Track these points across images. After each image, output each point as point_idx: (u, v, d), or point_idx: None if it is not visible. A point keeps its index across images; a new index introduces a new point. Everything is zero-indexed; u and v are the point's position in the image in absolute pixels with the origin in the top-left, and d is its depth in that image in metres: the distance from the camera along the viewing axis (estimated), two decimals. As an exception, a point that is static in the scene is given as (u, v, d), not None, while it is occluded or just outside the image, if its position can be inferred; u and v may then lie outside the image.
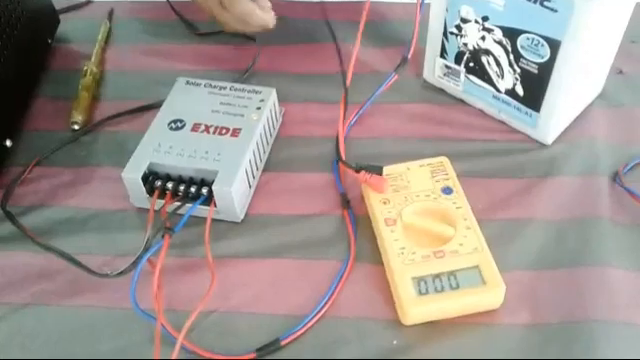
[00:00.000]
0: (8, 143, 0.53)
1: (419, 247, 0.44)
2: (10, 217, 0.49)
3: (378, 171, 0.48)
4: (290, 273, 0.45)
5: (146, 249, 0.44)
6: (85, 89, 0.59)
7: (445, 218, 0.45)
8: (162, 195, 0.48)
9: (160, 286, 0.42)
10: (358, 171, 0.48)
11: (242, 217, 0.49)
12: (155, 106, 0.57)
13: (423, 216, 0.46)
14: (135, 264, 0.43)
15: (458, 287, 0.41)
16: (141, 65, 0.63)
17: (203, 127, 0.51)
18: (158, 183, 0.48)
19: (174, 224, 0.46)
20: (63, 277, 0.46)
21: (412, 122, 0.56)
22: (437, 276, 0.42)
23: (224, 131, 0.50)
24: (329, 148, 0.54)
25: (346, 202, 0.49)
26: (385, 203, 0.47)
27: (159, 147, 0.49)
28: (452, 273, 0.42)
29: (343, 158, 0.50)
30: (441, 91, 0.59)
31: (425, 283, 0.42)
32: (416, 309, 0.41)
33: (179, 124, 0.51)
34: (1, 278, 0.46)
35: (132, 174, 0.47)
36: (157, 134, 0.50)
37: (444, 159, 0.49)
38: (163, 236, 0.44)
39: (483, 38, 0.52)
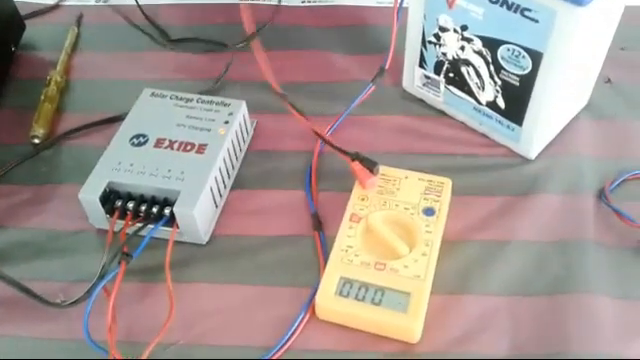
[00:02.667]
0: (-36, 159, 0.51)
1: (367, 253, 0.42)
2: None
3: (370, 166, 0.46)
4: (257, 300, 0.43)
5: (102, 276, 0.41)
6: (48, 100, 0.56)
7: (408, 236, 0.43)
8: (123, 215, 0.46)
9: (114, 317, 0.39)
10: (353, 160, 0.47)
11: (207, 239, 0.46)
12: (122, 118, 0.55)
13: (388, 226, 0.44)
14: (89, 292, 0.41)
15: (379, 304, 0.40)
16: (110, 74, 0.60)
17: (167, 143, 0.48)
18: (118, 203, 0.46)
19: (134, 247, 0.44)
20: (14, 306, 0.43)
21: (391, 135, 0.54)
22: (365, 285, 0.41)
23: (189, 147, 0.48)
24: (302, 163, 0.52)
25: (318, 223, 0.47)
26: (363, 200, 0.46)
27: (119, 165, 0.46)
28: (381, 289, 0.41)
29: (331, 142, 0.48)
30: (421, 102, 0.56)
31: (350, 287, 0.41)
32: (326, 306, 0.41)
33: (142, 139, 0.48)
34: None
35: (89, 194, 0.45)
36: (118, 150, 0.48)
37: (447, 181, 0.47)
38: (120, 262, 0.42)
39: (462, 48, 0.49)
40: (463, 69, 0.51)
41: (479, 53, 0.48)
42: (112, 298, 0.39)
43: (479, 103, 0.51)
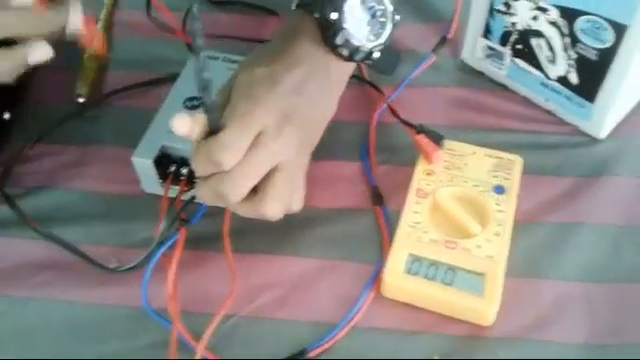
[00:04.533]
0: (7, 116, 0.49)
1: (435, 230, 0.41)
2: (9, 200, 0.44)
3: (436, 139, 0.45)
4: (317, 274, 0.41)
5: (160, 243, 0.40)
6: (91, 58, 0.54)
7: (479, 215, 0.41)
8: (176, 181, 0.44)
9: (176, 286, 0.38)
10: (418, 132, 0.45)
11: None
12: (168, 80, 0.53)
13: (457, 203, 0.42)
14: (147, 259, 0.39)
15: (451, 284, 0.38)
16: (153, 33, 0.58)
17: (222, 107, 0.46)
18: (172, 168, 0.44)
19: (190, 214, 0.42)
20: (67, 269, 0.41)
21: (450, 108, 0.51)
22: (435, 263, 0.39)
23: (245, 112, 0.45)
24: (358, 134, 0.50)
25: (378, 197, 0.45)
26: (429, 174, 0.44)
27: (174, 128, 0.44)
28: (452, 268, 0.39)
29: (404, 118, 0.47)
30: (479, 74, 0.54)
31: (419, 264, 0.39)
32: (394, 284, 0.39)
33: (195, 102, 0.46)
34: (-2, 268, 0.42)
35: (143, 158, 0.43)
36: (171, 113, 0.45)
37: (517, 159, 0.44)
38: (178, 229, 0.40)
39: (535, 18, 0.47)
40: (533, 41, 0.48)
41: (554, 24, 0.46)
42: (173, 266, 0.38)
43: (548, 78, 0.49)
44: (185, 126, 0.35)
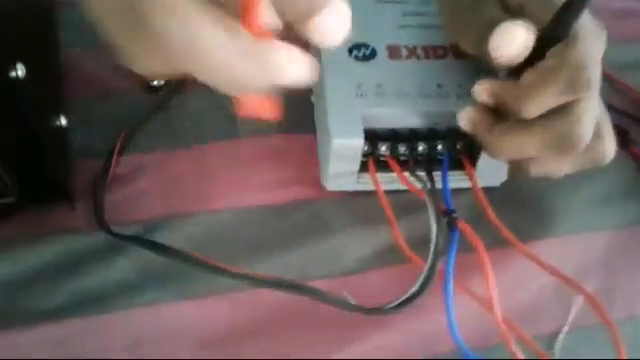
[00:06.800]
0: (63, 122, 0.31)
1: None
2: (156, 247, 0.27)
3: None
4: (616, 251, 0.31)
5: (436, 253, 0.26)
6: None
7: None
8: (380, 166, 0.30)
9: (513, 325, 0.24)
10: None
11: (503, 178, 0.32)
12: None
13: None
14: (421, 288, 0.25)
15: None
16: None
17: (404, 51, 0.32)
18: (365, 147, 0.30)
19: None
20: (289, 325, 0.26)
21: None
22: None
23: (440, 52, 0.32)
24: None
25: (624, 135, 0.34)
26: None
27: (360, 89, 0.30)
28: None
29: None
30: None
31: None
32: None
33: (365, 51, 0.32)
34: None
35: (349, 138, 0.29)
36: (343, 69, 0.31)
37: None
38: (452, 226, 0.26)
39: None
40: None
41: None
42: (491, 280, 0.24)
43: None
44: (519, 38, 0.24)
